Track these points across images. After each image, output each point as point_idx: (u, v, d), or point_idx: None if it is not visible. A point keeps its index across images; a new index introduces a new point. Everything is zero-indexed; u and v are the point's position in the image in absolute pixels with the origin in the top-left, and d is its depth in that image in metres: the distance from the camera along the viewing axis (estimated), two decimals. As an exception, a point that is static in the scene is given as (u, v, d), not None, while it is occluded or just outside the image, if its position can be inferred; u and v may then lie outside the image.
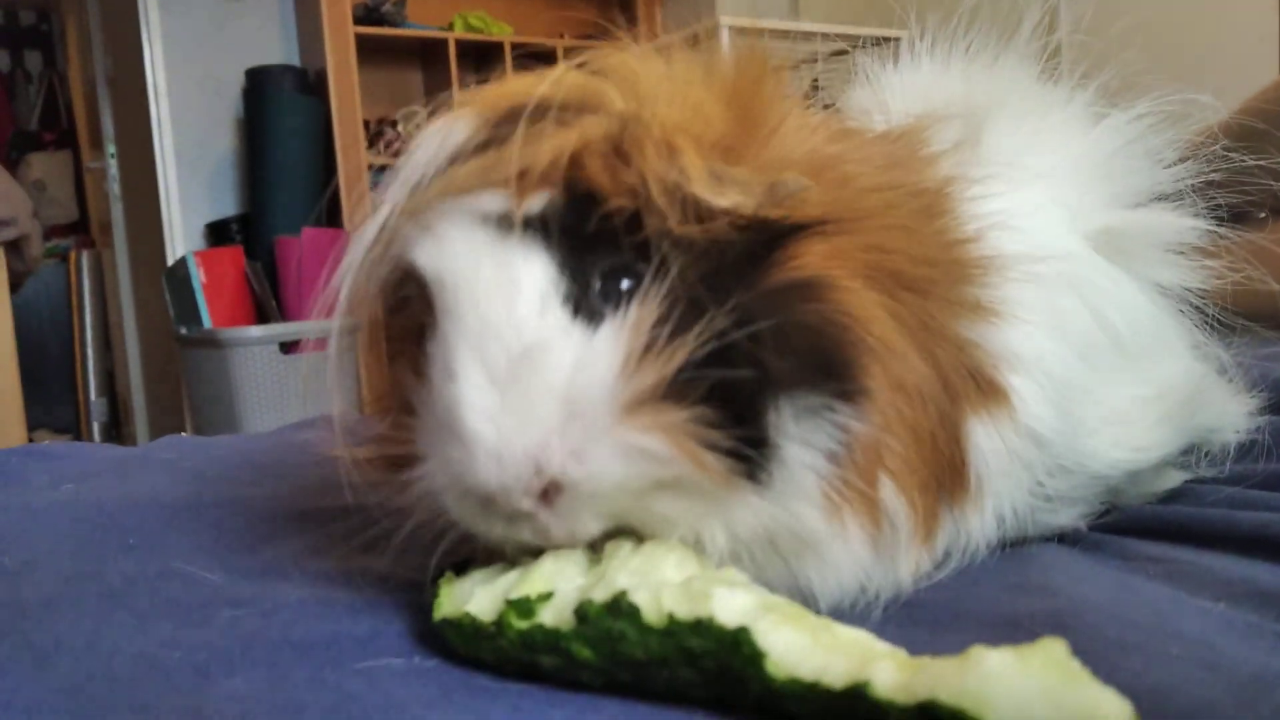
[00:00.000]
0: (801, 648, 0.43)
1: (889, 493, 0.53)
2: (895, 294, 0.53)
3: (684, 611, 0.45)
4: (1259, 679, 0.44)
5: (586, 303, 0.51)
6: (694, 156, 0.50)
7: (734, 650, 0.44)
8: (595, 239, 0.51)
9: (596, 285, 0.51)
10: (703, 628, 0.45)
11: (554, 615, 0.48)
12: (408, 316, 0.57)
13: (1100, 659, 0.46)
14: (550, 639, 0.48)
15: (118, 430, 5.26)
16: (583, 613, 0.47)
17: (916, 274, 0.54)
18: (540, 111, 0.51)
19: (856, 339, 0.51)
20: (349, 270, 0.55)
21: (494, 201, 0.51)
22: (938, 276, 0.55)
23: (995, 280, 0.57)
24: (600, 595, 0.48)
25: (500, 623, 0.49)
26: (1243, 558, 0.60)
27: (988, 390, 0.56)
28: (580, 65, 0.55)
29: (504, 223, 0.51)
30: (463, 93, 0.57)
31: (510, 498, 0.49)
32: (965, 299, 0.56)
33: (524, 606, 0.49)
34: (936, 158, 0.61)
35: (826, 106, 0.75)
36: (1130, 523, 0.68)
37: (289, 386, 3.63)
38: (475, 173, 0.52)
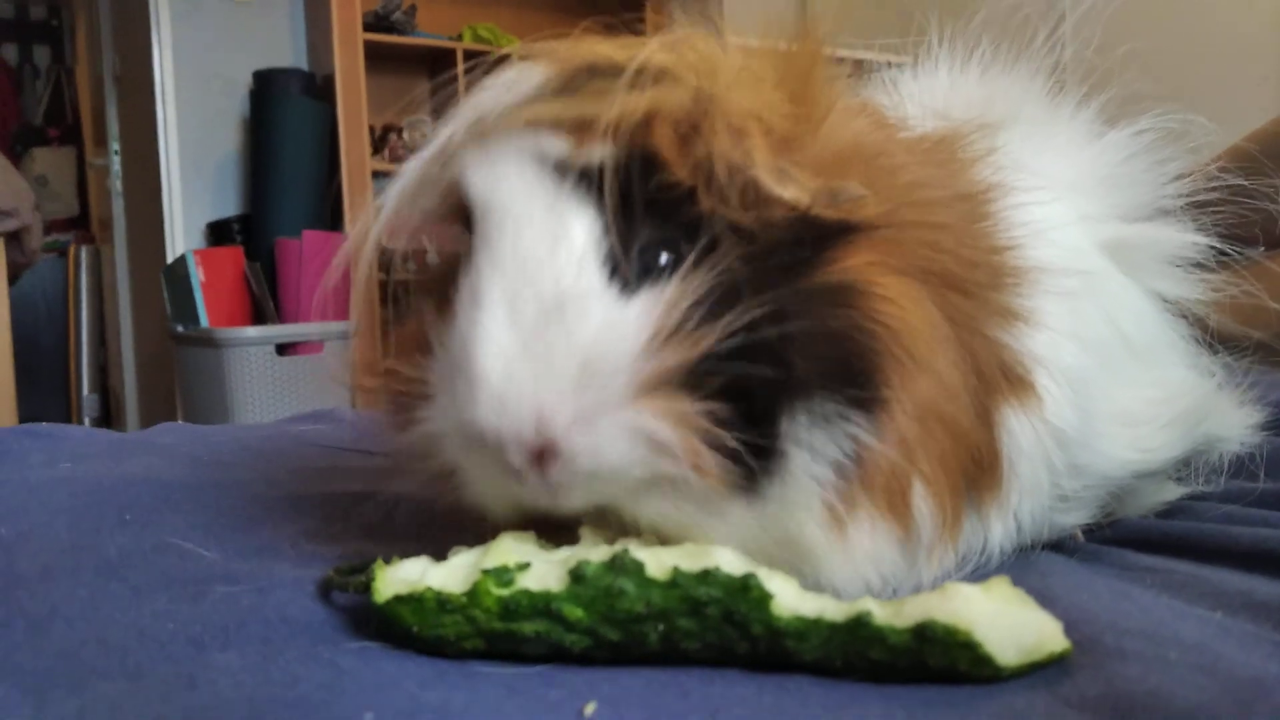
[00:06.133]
0: (795, 593, 0.48)
1: (919, 497, 0.52)
2: (943, 293, 0.53)
3: (688, 564, 0.48)
4: (1257, 683, 0.44)
5: (623, 268, 0.50)
6: (762, 143, 0.49)
7: (742, 595, 0.47)
8: (646, 206, 0.50)
9: (635, 252, 0.50)
10: (710, 577, 0.47)
11: (536, 582, 0.49)
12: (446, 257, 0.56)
13: (1099, 666, 0.47)
14: (537, 602, 0.48)
15: (108, 427, 5.24)
16: (579, 572, 0.48)
17: (962, 275, 0.54)
18: (622, 71, 0.50)
19: (883, 349, 0.50)
20: (396, 190, 0.55)
21: (556, 145, 0.51)
22: (980, 279, 0.56)
23: (1025, 292, 0.58)
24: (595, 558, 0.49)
25: (474, 592, 0.49)
26: (1240, 571, 0.60)
27: (1017, 384, 0.57)
28: (664, 43, 0.53)
29: (561, 168, 0.50)
30: (535, 44, 0.56)
31: (503, 449, 0.48)
32: (999, 305, 0.57)
33: (503, 575, 0.49)
34: (975, 162, 0.61)
35: None
36: (1128, 535, 0.68)
37: (283, 388, 3.62)
38: (543, 112, 0.51)
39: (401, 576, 0.51)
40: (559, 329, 0.48)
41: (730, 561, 0.49)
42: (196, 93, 4.31)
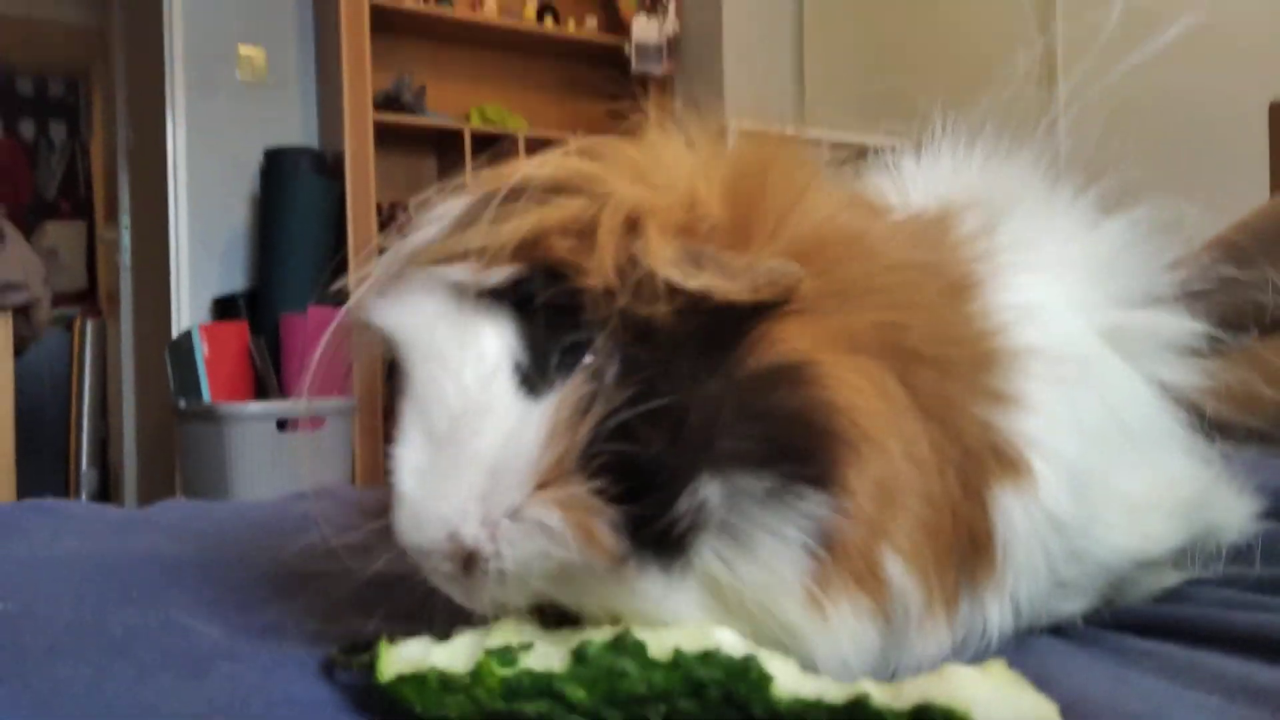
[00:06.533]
0: (795, 675, 0.48)
1: (896, 571, 0.52)
2: (910, 368, 0.54)
3: (689, 645, 0.48)
4: (1254, 768, 0.44)
5: (542, 377, 0.52)
6: (658, 236, 0.51)
7: (742, 676, 0.47)
8: (560, 315, 0.52)
9: (555, 360, 0.52)
10: (711, 658, 0.48)
11: (538, 662, 0.49)
12: None
13: (1096, 750, 0.47)
14: (540, 683, 0.48)
15: (106, 501, 5.21)
16: (581, 653, 0.49)
17: (935, 352, 0.55)
18: (518, 192, 0.53)
19: (831, 428, 0.50)
20: (328, 334, 0.59)
21: (460, 273, 0.53)
22: (958, 357, 0.56)
23: (1017, 374, 0.58)
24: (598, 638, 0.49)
25: (477, 672, 0.49)
26: (1237, 656, 0.60)
27: (1008, 466, 0.57)
28: (583, 151, 0.57)
29: (466, 292, 0.53)
30: (476, 174, 0.59)
31: (429, 561, 0.51)
32: (985, 386, 0.57)
33: (506, 655, 0.50)
34: (966, 243, 0.62)
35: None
36: (1125, 619, 0.68)
37: (284, 463, 3.62)
38: (445, 246, 0.54)
39: (405, 656, 0.52)
40: (464, 441, 0.50)
41: (731, 643, 0.49)
42: (208, 169, 4.39)
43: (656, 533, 0.49)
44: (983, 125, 0.77)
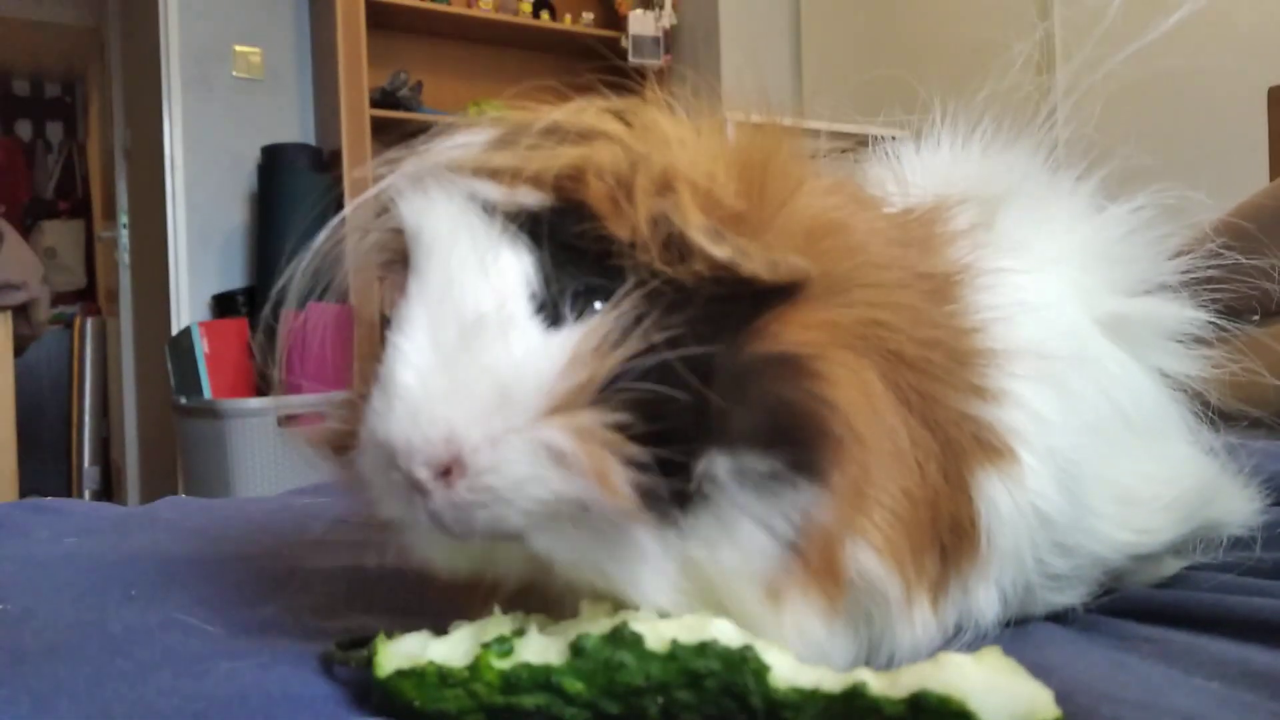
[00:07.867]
0: (792, 665, 0.48)
1: (871, 563, 0.52)
2: (894, 369, 0.54)
3: (686, 637, 0.48)
4: (1252, 754, 0.44)
5: (552, 308, 0.51)
6: (691, 202, 0.50)
7: (740, 667, 0.47)
8: (578, 253, 0.52)
9: (569, 297, 0.52)
10: (708, 649, 0.48)
11: (536, 655, 0.49)
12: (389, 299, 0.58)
13: (1095, 737, 0.47)
14: (538, 676, 0.48)
15: (108, 499, 5.22)
16: (579, 645, 0.49)
17: (916, 355, 0.54)
18: (557, 127, 0.53)
19: (823, 426, 0.50)
20: (336, 223, 0.58)
21: (486, 188, 0.53)
22: (937, 360, 0.55)
23: (997, 372, 0.58)
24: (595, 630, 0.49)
25: (476, 666, 0.49)
26: (1237, 641, 0.60)
27: (993, 453, 0.57)
28: (611, 109, 0.56)
29: (491, 208, 0.53)
30: (489, 111, 0.59)
31: (412, 460, 0.48)
32: (966, 383, 0.57)
33: (502, 644, 0.50)
34: (953, 240, 0.62)
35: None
36: (1125, 604, 0.68)
37: (285, 459, 3.62)
38: (479, 159, 0.54)
39: (403, 650, 0.52)
40: (478, 350, 0.49)
41: (728, 633, 0.49)
42: (205, 167, 4.38)
43: (665, 490, 0.48)
44: (982, 114, 0.76)
